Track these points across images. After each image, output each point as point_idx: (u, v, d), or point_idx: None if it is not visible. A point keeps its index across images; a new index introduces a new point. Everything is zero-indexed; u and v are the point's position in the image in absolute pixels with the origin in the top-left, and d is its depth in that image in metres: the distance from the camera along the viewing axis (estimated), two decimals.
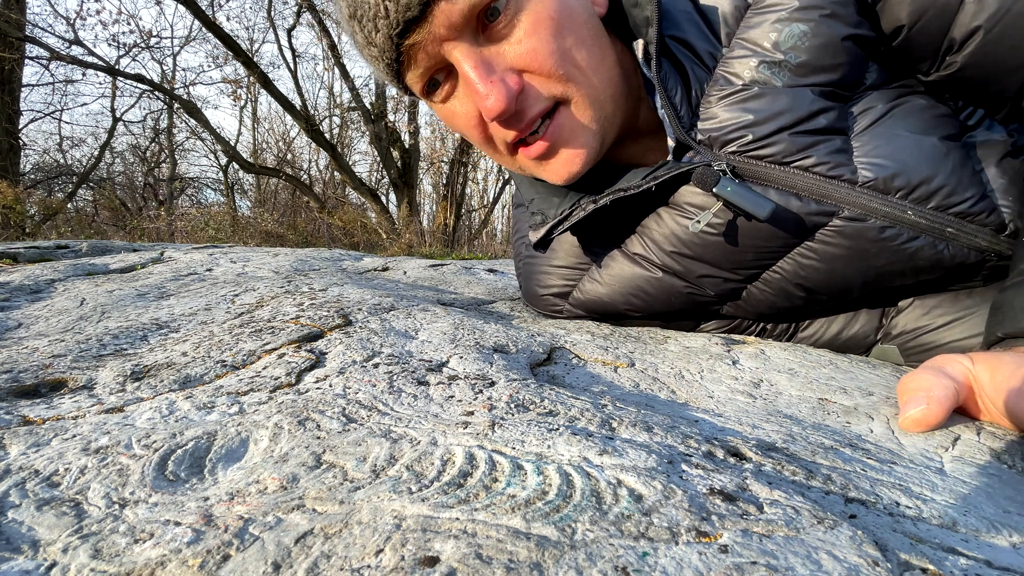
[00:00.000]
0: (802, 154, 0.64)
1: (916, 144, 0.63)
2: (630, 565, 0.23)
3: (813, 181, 0.64)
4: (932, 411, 0.44)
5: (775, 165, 0.64)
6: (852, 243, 0.66)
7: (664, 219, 0.72)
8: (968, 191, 0.64)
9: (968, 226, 0.65)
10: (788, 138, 0.64)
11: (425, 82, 0.63)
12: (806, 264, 0.68)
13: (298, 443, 0.35)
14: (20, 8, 7.36)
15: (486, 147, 0.68)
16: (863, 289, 0.71)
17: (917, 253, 0.66)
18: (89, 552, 0.25)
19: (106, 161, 12.18)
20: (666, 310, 0.79)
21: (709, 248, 0.70)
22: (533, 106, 0.61)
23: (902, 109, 0.65)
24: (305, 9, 7.72)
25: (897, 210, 0.64)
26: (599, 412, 0.40)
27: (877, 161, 0.63)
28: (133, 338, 0.58)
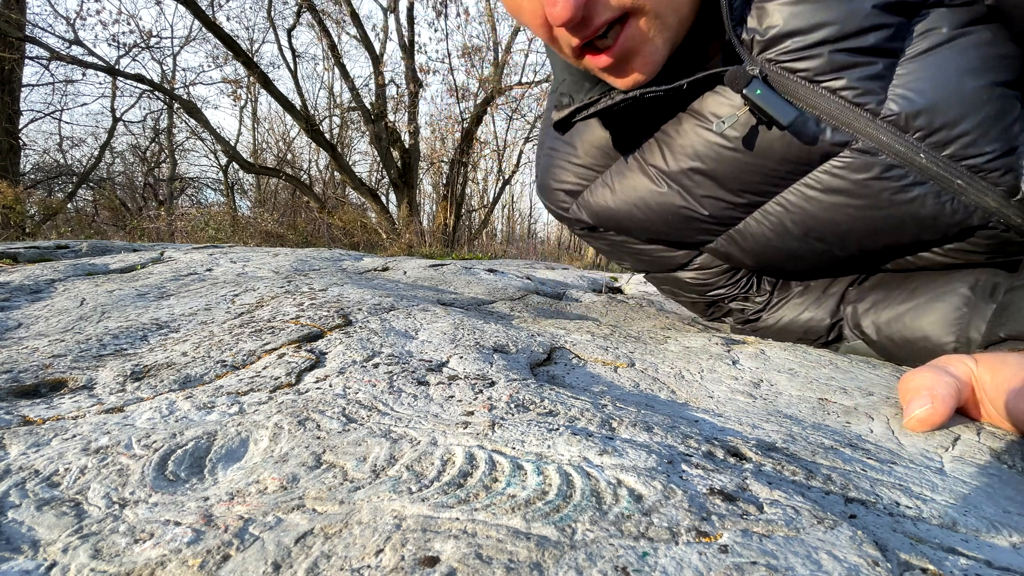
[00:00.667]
0: (834, 75, 0.61)
1: (959, 83, 0.60)
2: (630, 565, 0.23)
3: (836, 105, 0.62)
4: (937, 410, 0.44)
5: (805, 82, 0.62)
6: (858, 178, 0.65)
7: (685, 128, 0.70)
8: (992, 145, 0.61)
9: (979, 182, 0.63)
10: (828, 54, 0.61)
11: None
12: (811, 196, 0.67)
13: (298, 443, 0.35)
14: (20, 8, 7.36)
15: (551, 45, 0.65)
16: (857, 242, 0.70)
17: (919, 201, 0.65)
18: (89, 552, 0.25)
19: (106, 161, 12.18)
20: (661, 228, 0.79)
21: (722, 163, 0.69)
22: (601, 14, 0.58)
23: (966, 39, 0.60)
24: (305, 9, 7.72)
25: (910, 150, 0.62)
26: (599, 412, 0.40)
27: (909, 94, 0.61)
28: (133, 338, 0.58)
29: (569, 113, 0.73)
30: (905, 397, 0.47)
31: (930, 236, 0.68)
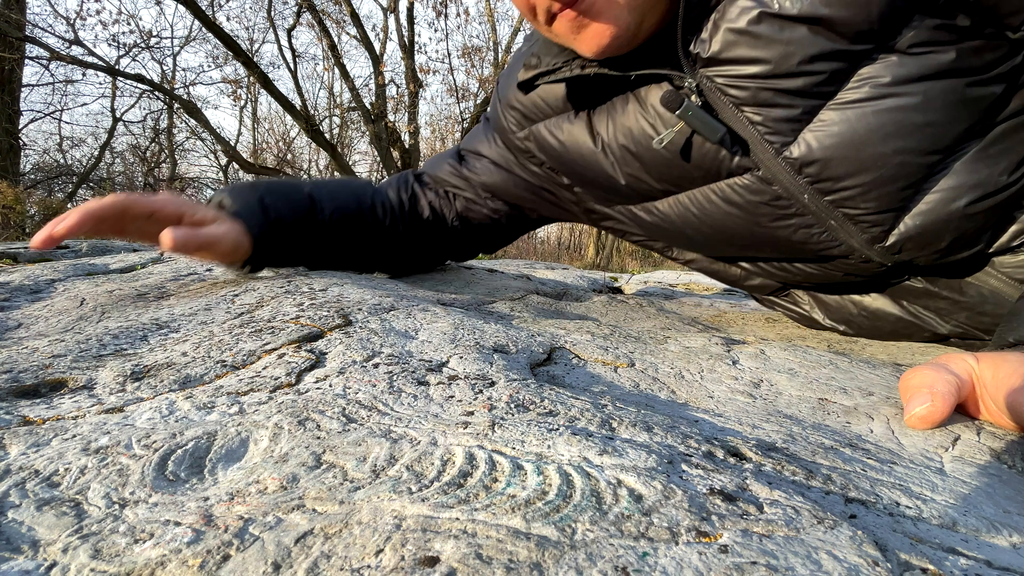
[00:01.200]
0: (756, 108, 0.67)
1: (861, 145, 0.64)
2: (630, 565, 0.23)
3: (751, 134, 0.69)
4: (937, 407, 0.44)
5: (732, 105, 0.68)
6: (752, 198, 0.73)
7: (629, 109, 0.77)
8: (871, 203, 0.67)
9: (850, 226, 0.71)
10: (755, 88, 0.66)
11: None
12: (712, 200, 0.76)
13: (298, 443, 0.35)
14: (20, 8, 7.36)
15: (527, 13, 0.70)
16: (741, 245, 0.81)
17: (793, 228, 0.73)
18: (89, 552, 0.25)
19: (106, 161, 12.17)
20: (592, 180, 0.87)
21: (650, 152, 0.76)
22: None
23: (892, 100, 0.62)
24: (305, 9, 7.72)
25: (798, 189, 0.70)
26: (599, 412, 0.40)
27: (812, 143, 0.66)
28: (133, 338, 0.58)
29: (533, 75, 0.80)
30: (905, 395, 0.47)
31: (800, 255, 0.78)
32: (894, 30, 0.60)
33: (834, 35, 0.60)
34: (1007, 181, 0.64)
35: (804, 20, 0.61)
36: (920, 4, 0.58)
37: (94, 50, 12.58)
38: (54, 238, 0.66)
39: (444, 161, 1.07)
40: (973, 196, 0.65)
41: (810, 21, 0.60)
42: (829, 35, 0.61)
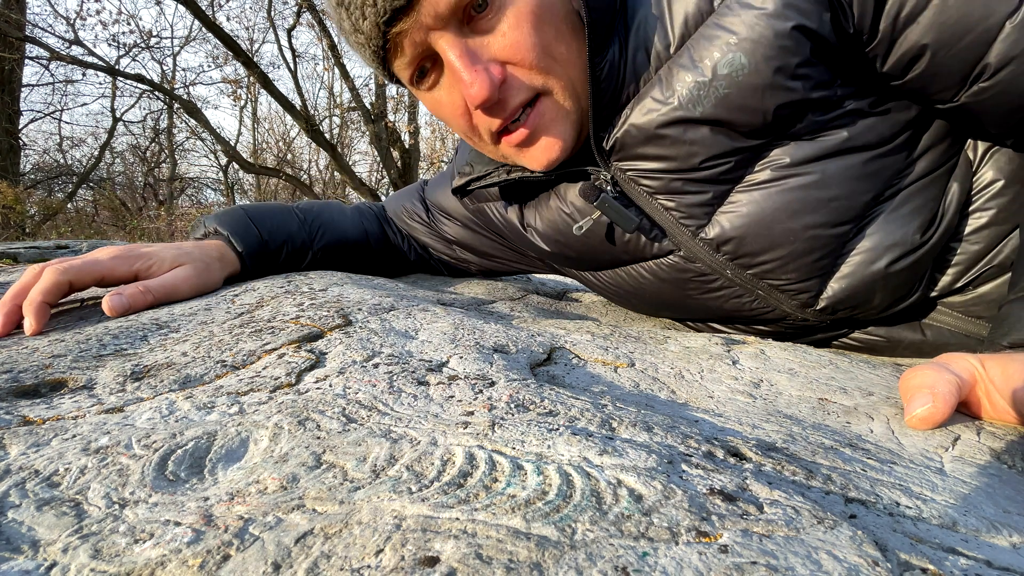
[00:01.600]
0: (668, 196, 0.71)
1: (771, 222, 0.68)
2: (630, 565, 0.23)
3: (667, 220, 0.73)
4: (938, 408, 0.44)
5: (646, 194, 0.72)
6: (679, 275, 0.77)
7: (551, 204, 0.82)
8: (791, 274, 0.71)
9: (778, 294, 0.74)
10: (666, 180, 0.70)
11: (413, 70, 0.67)
12: (644, 276, 0.81)
13: (298, 443, 0.35)
14: (20, 8, 7.36)
15: (471, 135, 0.72)
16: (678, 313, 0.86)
17: (724, 298, 0.77)
18: (89, 552, 0.25)
19: (106, 161, 12.18)
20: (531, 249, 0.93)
21: (577, 240, 0.82)
22: (515, 96, 0.64)
23: (795, 180, 0.66)
24: (305, 9, 7.72)
25: (719, 265, 0.74)
26: (599, 412, 0.40)
27: (725, 224, 0.70)
28: (133, 338, 0.58)
29: (466, 181, 0.86)
30: (906, 395, 0.47)
31: (737, 319, 0.81)
32: (787, 125, 0.64)
33: (734, 133, 0.65)
34: (922, 240, 0.67)
35: (706, 122, 0.64)
36: (809, 106, 0.62)
37: (94, 50, 12.58)
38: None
39: (409, 202, 1.10)
40: (892, 256, 0.67)
41: (711, 123, 0.64)
42: (729, 134, 0.65)
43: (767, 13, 0.59)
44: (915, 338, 0.77)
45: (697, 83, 0.63)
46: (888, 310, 0.73)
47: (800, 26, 0.59)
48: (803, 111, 0.63)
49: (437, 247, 1.09)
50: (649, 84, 0.66)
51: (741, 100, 0.62)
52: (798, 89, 0.61)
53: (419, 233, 1.09)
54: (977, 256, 0.70)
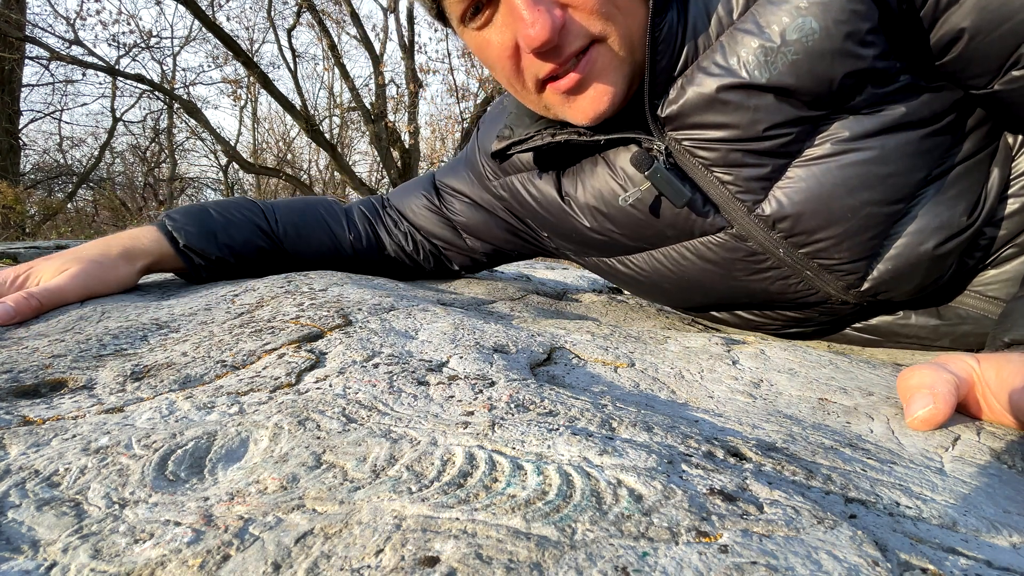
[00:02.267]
0: (726, 169, 0.69)
1: (829, 199, 0.67)
2: (630, 565, 0.23)
3: (722, 194, 0.70)
4: (939, 409, 0.44)
5: (701, 167, 0.70)
6: (728, 255, 0.75)
7: (598, 171, 0.78)
8: (844, 253, 0.70)
9: (825, 275, 0.73)
10: (724, 151, 0.67)
11: (468, 5, 0.64)
12: (687, 257, 0.77)
13: (298, 443, 0.35)
14: (20, 8, 7.36)
15: (514, 80, 0.69)
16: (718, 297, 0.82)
17: (770, 280, 0.75)
18: (89, 552, 0.25)
19: (106, 161, 12.17)
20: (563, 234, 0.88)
21: (621, 213, 0.77)
22: (572, 42, 0.62)
23: (854, 155, 0.65)
24: (305, 9, 7.72)
25: (772, 244, 0.71)
26: (599, 412, 0.40)
27: (783, 199, 0.68)
28: (133, 338, 0.58)
29: (506, 145, 0.81)
30: (905, 396, 0.47)
31: (779, 303, 0.80)
32: (848, 97, 0.63)
33: (797, 103, 0.63)
34: (967, 222, 0.68)
35: (771, 89, 0.63)
36: (871, 77, 0.62)
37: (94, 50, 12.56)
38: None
39: (417, 192, 1.05)
40: (939, 238, 0.67)
41: (777, 91, 0.63)
42: (793, 102, 0.63)
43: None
44: (929, 322, 0.77)
45: (764, 48, 0.61)
46: (921, 292, 0.73)
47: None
48: (865, 81, 0.62)
49: (446, 236, 1.03)
50: (710, 50, 0.65)
51: (810, 66, 0.61)
52: (866, 56, 0.60)
53: (427, 222, 1.03)
54: (1004, 240, 0.71)
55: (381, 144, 7.78)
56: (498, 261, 1.10)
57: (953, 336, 0.77)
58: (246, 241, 0.92)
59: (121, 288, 0.81)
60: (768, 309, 0.83)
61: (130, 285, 0.83)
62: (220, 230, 0.90)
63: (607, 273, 0.91)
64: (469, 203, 0.99)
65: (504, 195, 0.92)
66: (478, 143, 0.95)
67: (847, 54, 0.60)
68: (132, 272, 0.82)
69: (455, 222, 1.02)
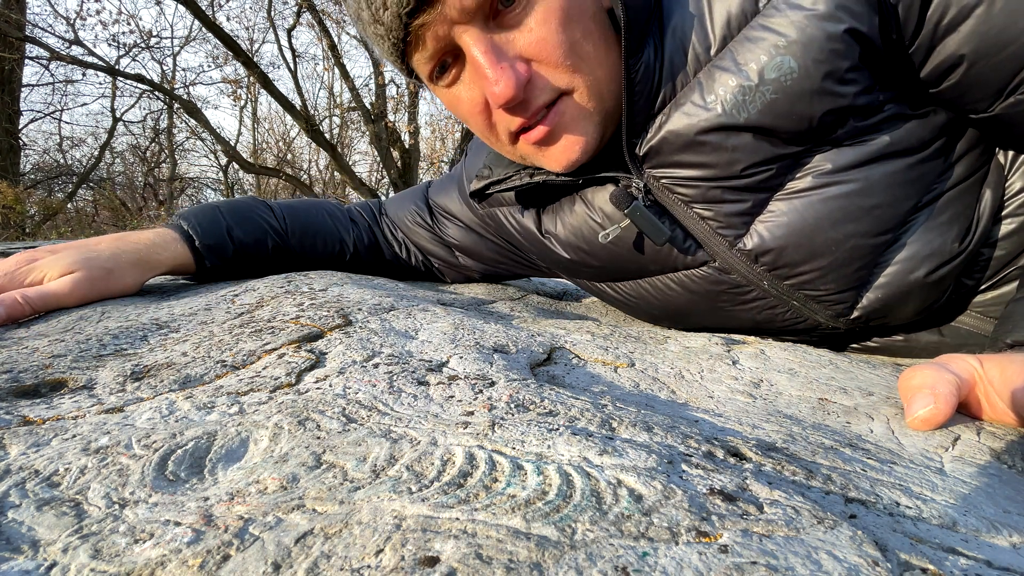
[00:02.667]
0: (705, 205, 0.69)
1: (812, 232, 0.66)
2: (630, 565, 0.23)
3: (703, 229, 0.70)
4: (940, 409, 0.44)
5: (681, 203, 0.70)
6: (712, 287, 0.75)
7: (576, 210, 0.78)
8: (829, 285, 0.69)
9: (814, 304, 0.72)
10: (704, 188, 0.67)
11: (434, 65, 0.64)
12: (672, 288, 0.78)
13: (298, 443, 0.35)
14: (20, 8, 7.36)
15: (488, 134, 0.69)
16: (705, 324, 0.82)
17: (757, 309, 0.75)
18: (89, 552, 0.25)
19: (106, 161, 12.17)
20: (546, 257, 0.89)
21: (602, 249, 0.78)
22: (539, 96, 0.62)
23: (836, 188, 0.64)
24: (305, 9, 7.72)
25: (756, 277, 0.71)
26: (599, 412, 0.40)
27: (765, 234, 0.68)
28: (133, 338, 0.58)
29: (485, 184, 0.82)
30: (906, 395, 0.47)
31: (770, 330, 0.80)
32: (830, 131, 0.62)
33: (777, 140, 0.63)
34: (960, 248, 0.66)
35: (750, 129, 0.62)
36: (852, 112, 0.61)
37: (94, 50, 12.57)
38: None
39: (411, 206, 1.06)
40: (931, 266, 0.66)
41: (755, 130, 0.62)
42: (772, 140, 0.63)
43: (818, 15, 0.57)
44: (932, 339, 0.76)
45: (742, 87, 0.61)
46: (917, 316, 0.72)
47: (852, 29, 0.57)
48: (846, 116, 0.61)
49: (439, 254, 1.05)
50: (687, 88, 0.64)
51: (789, 106, 0.60)
52: (846, 94, 0.60)
53: (420, 239, 1.05)
54: (1004, 260, 0.69)
55: (381, 144, 7.78)
56: (491, 277, 1.11)
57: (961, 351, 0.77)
58: (258, 241, 0.93)
59: (122, 295, 0.80)
60: (758, 335, 0.83)
61: (132, 292, 0.82)
62: (234, 228, 0.90)
63: (598, 293, 0.92)
64: (461, 226, 1.00)
65: (490, 223, 0.94)
66: (465, 168, 0.96)
67: (827, 93, 0.59)
68: (139, 282, 0.82)
69: (448, 243, 1.03)
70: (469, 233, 1.00)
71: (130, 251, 0.80)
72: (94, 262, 0.76)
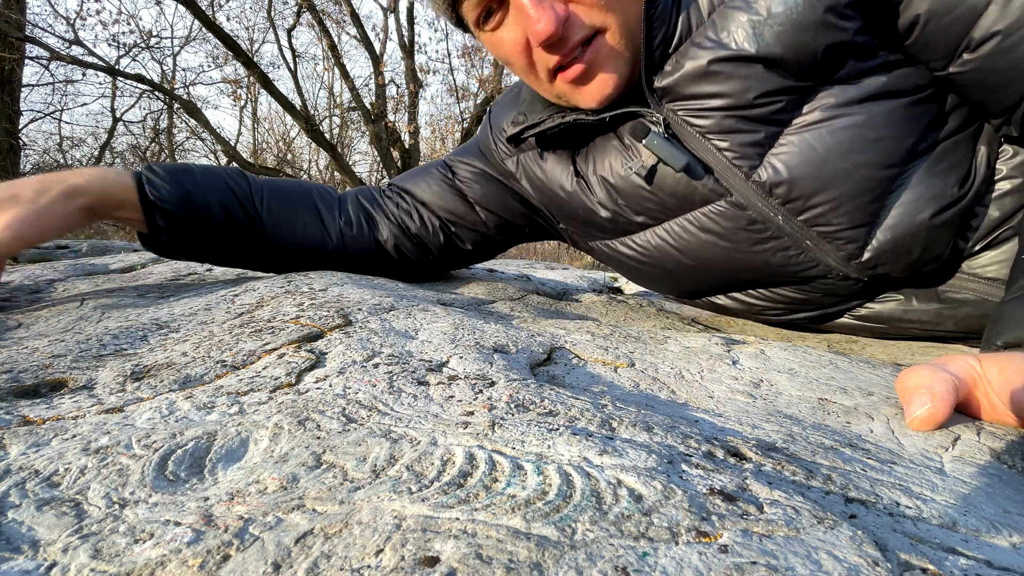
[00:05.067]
0: (721, 135, 0.72)
1: (823, 163, 0.70)
2: (630, 565, 0.23)
3: (719, 161, 0.74)
4: (938, 408, 0.45)
5: (698, 135, 0.74)
6: (728, 224, 0.77)
7: (609, 146, 0.82)
8: (841, 218, 0.72)
9: (825, 244, 0.75)
10: (719, 118, 0.72)
11: (481, 10, 0.72)
12: (690, 231, 0.80)
13: (298, 443, 0.35)
14: (20, 8, 7.36)
15: (528, 73, 0.76)
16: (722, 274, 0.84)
17: (771, 251, 0.77)
18: (89, 552, 0.25)
19: (106, 161, 12.16)
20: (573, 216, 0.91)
21: (627, 184, 0.81)
22: (576, 33, 0.69)
23: (844, 119, 0.69)
24: (305, 9, 7.72)
25: (771, 211, 0.74)
26: (599, 412, 0.40)
27: (778, 165, 0.71)
28: (133, 338, 0.58)
29: (520, 129, 0.86)
30: (904, 396, 0.47)
31: (780, 280, 0.81)
32: (832, 69, 0.68)
33: (785, 72, 0.68)
34: (959, 193, 0.71)
35: (760, 60, 0.68)
36: (851, 50, 0.67)
37: (94, 50, 12.56)
38: None
39: (428, 172, 1.03)
40: (934, 208, 0.71)
41: (765, 61, 0.68)
42: (781, 72, 0.68)
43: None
44: (929, 308, 0.79)
45: (752, 21, 0.67)
46: (920, 267, 0.75)
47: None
48: (846, 54, 0.67)
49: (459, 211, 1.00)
50: (703, 27, 0.70)
51: (795, 37, 0.66)
52: (846, 29, 0.65)
53: (440, 199, 1.00)
54: (998, 221, 0.73)
55: (381, 144, 7.78)
56: (509, 237, 1.07)
57: (955, 319, 0.79)
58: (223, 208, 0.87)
59: (60, 232, 0.76)
60: (769, 287, 0.84)
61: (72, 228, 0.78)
62: (196, 190, 0.85)
63: (611, 258, 0.93)
64: (483, 175, 1.00)
65: (517, 173, 0.95)
66: (491, 123, 0.99)
67: (828, 26, 0.65)
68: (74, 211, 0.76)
69: (468, 195, 1.01)
70: (491, 183, 0.99)
71: (59, 181, 0.76)
72: (19, 196, 0.73)
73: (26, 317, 0.71)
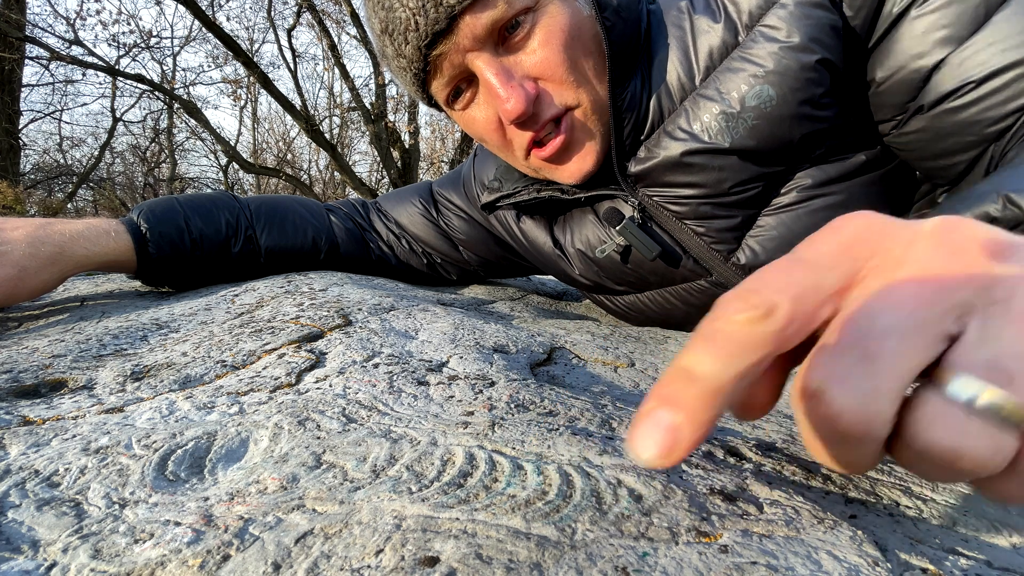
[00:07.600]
0: (697, 221, 0.72)
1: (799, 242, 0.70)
2: (630, 565, 0.23)
3: (697, 245, 0.74)
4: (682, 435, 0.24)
5: (674, 218, 0.74)
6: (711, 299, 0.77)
7: (587, 220, 0.82)
8: None
9: None
10: (695, 205, 0.71)
11: (450, 90, 0.70)
12: (671, 300, 0.81)
13: (298, 443, 0.35)
14: (20, 8, 7.36)
15: (504, 150, 0.74)
16: None
17: None
18: (89, 552, 0.25)
19: (106, 161, 12.18)
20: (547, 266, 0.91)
21: (606, 259, 0.82)
22: (547, 110, 0.67)
23: (820, 200, 0.69)
24: (305, 9, 7.72)
25: None
26: (599, 412, 0.40)
27: (756, 248, 0.71)
28: (133, 338, 0.58)
29: (496, 198, 0.87)
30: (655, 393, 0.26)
31: None
32: (809, 152, 0.67)
33: (760, 160, 0.67)
34: None
35: (734, 152, 0.67)
36: (828, 134, 0.66)
37: (94, 50, 12.56)
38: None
39: (412, 200, 1.04)
40: None
41: (739, 153, 0.67)
42: (756, 160, 0.67)
43: (792, 46, 0.62)
44: None
45: (725, 114, 0.65)
46: None
47: (824, 59, 0.62)
48: (823, 138, 0.66)
49: (442, 248, 1.03)
50: (675, 114, 0.69)
51: (770, 130, 0.64)
52: (822, 118, 0.64)
53: (423, 232, 1.03)
54: None
55: (381, 144, 7.78)
56: (495, 272, 1.11)
57: None
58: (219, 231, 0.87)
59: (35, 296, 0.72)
60: None
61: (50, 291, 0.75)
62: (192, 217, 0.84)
63: (598, 303, 0.94)
64: (467, 219, 1.00)
65: (497, 225, 0.96)
66: (474, 169, 0.97)
67: (804, 117, 0.64)
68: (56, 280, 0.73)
69: (452, 235, 1.02)
70: (475, 227, 1.00)
71: (51, 244, 0.72)
72: (6, 258, 0.68)
73: (26, 317, 0.71)
